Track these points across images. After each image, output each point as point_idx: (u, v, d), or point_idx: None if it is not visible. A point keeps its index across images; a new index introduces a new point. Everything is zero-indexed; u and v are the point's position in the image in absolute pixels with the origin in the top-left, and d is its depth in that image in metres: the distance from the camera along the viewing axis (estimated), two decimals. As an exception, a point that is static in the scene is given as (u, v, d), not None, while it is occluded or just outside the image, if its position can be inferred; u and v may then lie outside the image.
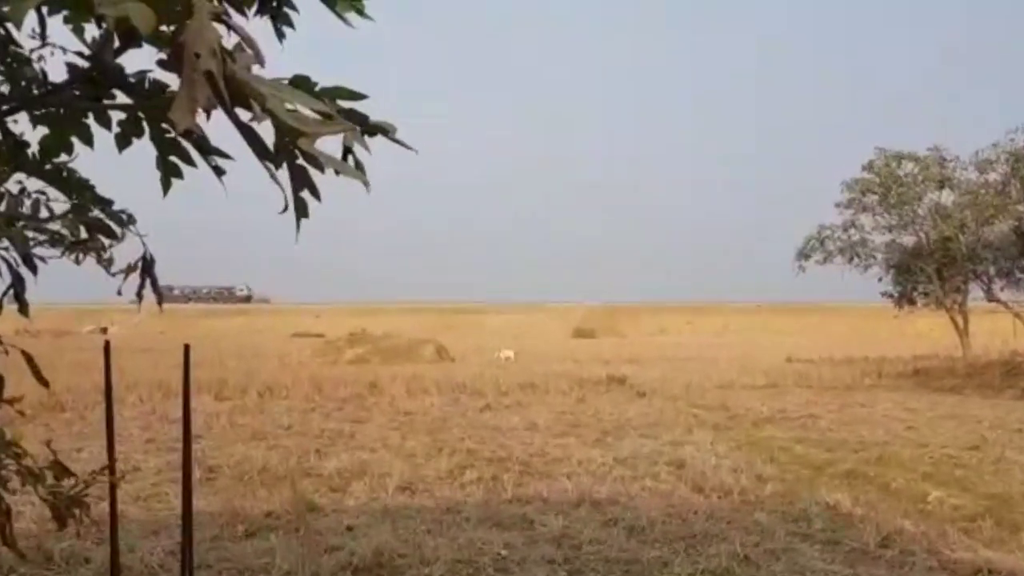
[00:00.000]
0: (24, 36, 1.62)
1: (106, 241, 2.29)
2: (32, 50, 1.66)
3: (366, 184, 1.42)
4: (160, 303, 2.41)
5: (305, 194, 1.41)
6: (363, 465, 7.78)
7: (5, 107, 1.65)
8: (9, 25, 1.57)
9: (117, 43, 1.45)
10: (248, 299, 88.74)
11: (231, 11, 1.35)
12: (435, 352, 27.03)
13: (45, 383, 2.26)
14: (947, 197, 21.30)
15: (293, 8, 1.62)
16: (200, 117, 1.13)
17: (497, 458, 8.32)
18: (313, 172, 1.36)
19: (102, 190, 2.06)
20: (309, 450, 8.67)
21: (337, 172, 1.35)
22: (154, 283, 2.28)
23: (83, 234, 2.22)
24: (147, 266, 2.25)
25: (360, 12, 1.57)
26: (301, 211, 1.41)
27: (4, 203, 2.15)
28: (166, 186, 1.70)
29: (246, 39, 1.24)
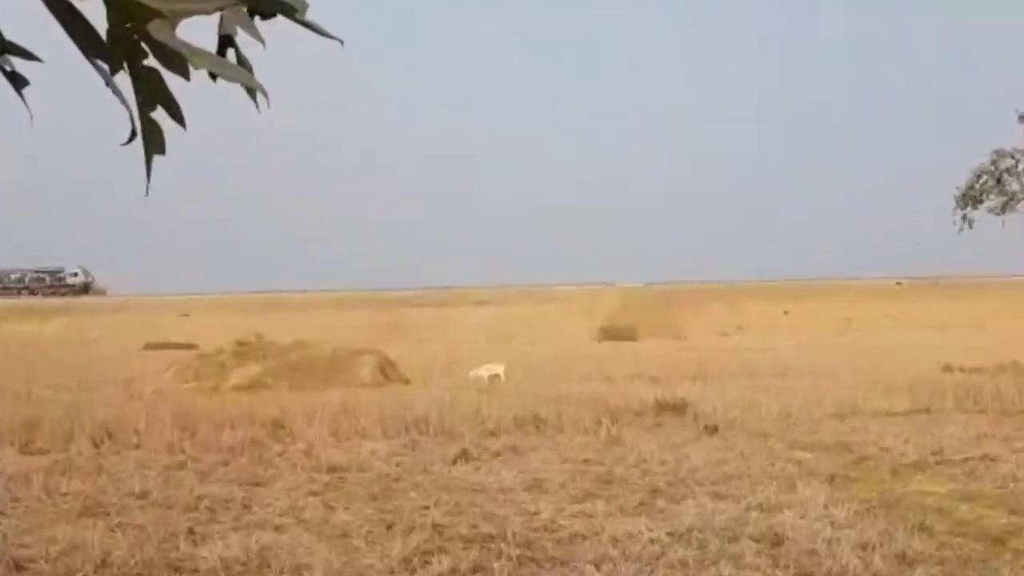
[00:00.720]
0: None
1: None
2: None
3: (258, 93, 1.40)
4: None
5: (162, 115, 1.39)
6: (265, 552, 7.79)
7: None
8: None
9: None
10: (86, 289, 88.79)
11: None
12: (377, 369, 27.04)
13: None
14: None
15: None
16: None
17: (481, 536, 8.35)
18: (173, 79, 1.35)
19: None
20: (177, 531, 8.66)
21: (213, 76, 1.33)
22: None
23: None
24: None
25: None
26: (155, 143, 1.38)
27: None
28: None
29: None
